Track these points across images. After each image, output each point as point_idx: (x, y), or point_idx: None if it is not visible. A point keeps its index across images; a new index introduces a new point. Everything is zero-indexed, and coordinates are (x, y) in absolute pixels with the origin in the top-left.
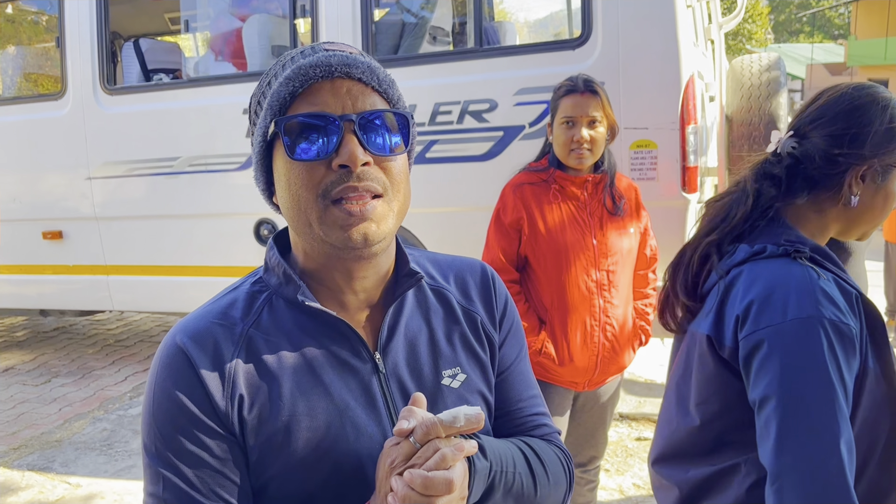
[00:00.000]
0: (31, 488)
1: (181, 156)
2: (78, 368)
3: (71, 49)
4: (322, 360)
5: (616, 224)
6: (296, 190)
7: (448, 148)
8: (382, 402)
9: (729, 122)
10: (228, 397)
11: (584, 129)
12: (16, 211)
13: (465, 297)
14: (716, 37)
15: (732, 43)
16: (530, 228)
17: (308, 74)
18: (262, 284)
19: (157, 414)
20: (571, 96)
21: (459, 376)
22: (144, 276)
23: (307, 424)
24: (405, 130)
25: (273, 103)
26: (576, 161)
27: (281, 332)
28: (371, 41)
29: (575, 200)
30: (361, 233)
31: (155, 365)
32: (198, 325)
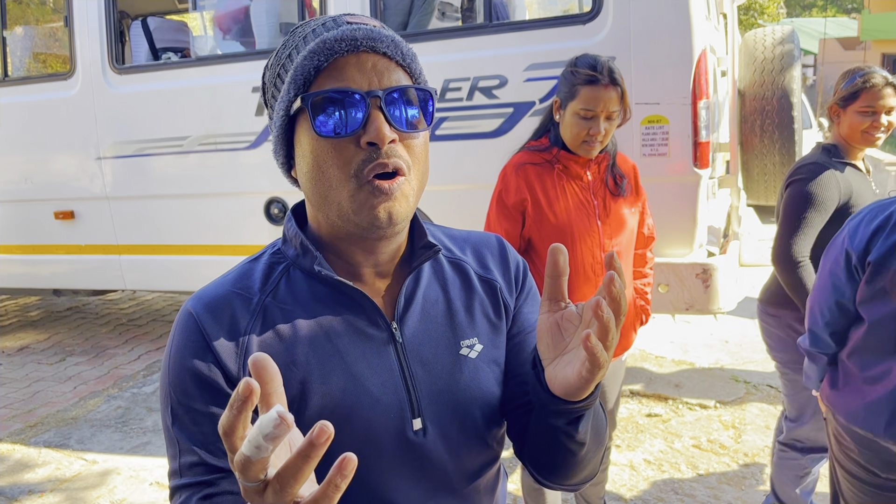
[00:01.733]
0: (48, 465)
1: (191, 135)
2: (92, 347)
3: (79, 29)
4: (338, 330)
5: (619, 204)
6: (325, 167)
7: (458, 125)
8: (399, 372)
9: (741, 97)
10: (241, 365)
11: (601, 122)
12: (28, 191)
13: (483, 267)
14: (728, 10)
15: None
16: (534, 210)
17: (333, 48)
18: (280, 255)
19: (172, 381)
20: (594, 88)
21: (477, 347)
22: (156, 255)
23: (322, 391)
24: (428, 107)
25: (297, 77)
26: (585, 152)
27: (298, 302)
28: (380, 17)
29: (579, 181)
30: (387, 211)
31: (171, 334)
32: (214, 293)
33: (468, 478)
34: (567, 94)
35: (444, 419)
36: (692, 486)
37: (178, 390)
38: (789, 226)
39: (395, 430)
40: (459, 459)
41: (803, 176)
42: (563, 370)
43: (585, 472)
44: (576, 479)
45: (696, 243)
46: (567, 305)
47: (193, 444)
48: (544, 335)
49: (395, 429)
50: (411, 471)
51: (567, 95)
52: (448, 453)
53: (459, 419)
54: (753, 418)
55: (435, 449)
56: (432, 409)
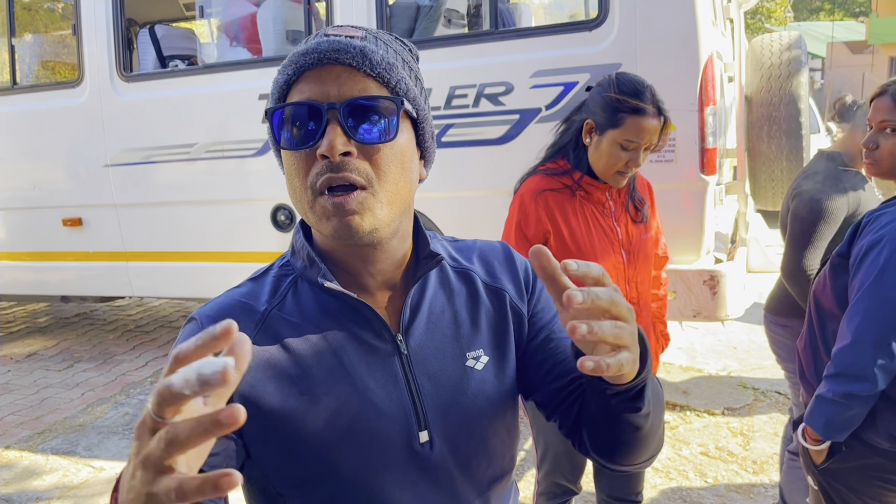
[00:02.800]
0: (55, 472)
1: (198, 142)
2: (99, 354)
3: (87, 37)
4: (343, 342)
5: (640, 231)
6: (290, 178)
7: (464, 132)
8: (405, 384)
9: (748, 103)
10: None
11: (641, 154)
12: (36, 198)
13: (491, 275)
14: (735, 16)
15: (751, 21)
16: (557, 242)
17: (299, 62)
18: (288, 268)
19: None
20: (641, 118)
21: (483, 358)
22: (163, 262)
23: (326, 404)
24: (393, 116)
25: (274, 91)
26: (616, 181)
27: (304, 314)
28: (386, 25)
29: (601, 207)
30: (346, 224)
31: (176, 341)
32: (220, 304)
33: (477, 492)
34: (608, 120)
35: (452, 432)
36: (700, 493)
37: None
38: (801, 240)
39: (401, 442)
40: (468, 473)
41: (811, 187)
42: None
43: (654, 444)
44: (646, 454)
45: (704, 250)
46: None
47: None
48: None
49: (401, 441)
50: (418, 484)
51: (608, 122)
52: (456, 467)
53: (467, 432)
54: (762, 425)
55: (442, 462)
56: (439, 422)
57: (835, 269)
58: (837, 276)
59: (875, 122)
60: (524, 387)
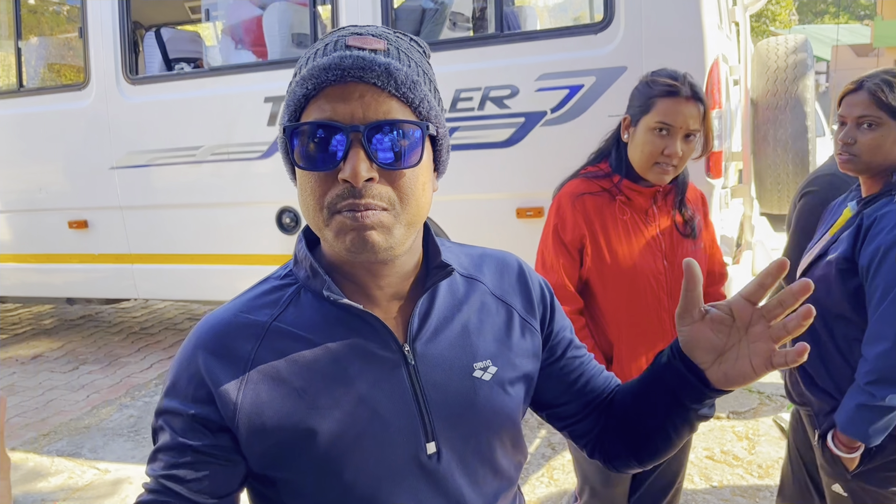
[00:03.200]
0: (60, 473)
1: (203, 145)
2: (105, 356)
3: (94, 39)
4: (348, 353)
5: (689, 242)
6: (305, 196)
7: (469, 135)
8: (412, 395)
9: (754, 106)
10: (241, 393)
11: (679, 141)
12: (42, 201)
13: (500, 288)
14: (740, 19)
15: (756, 25)
16: (594, 249)
17: (321, 78)
18: (291, 277)
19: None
20: (673, 99)
21: (490, 369)
22: (168, 264)
23: (331, 418)
24: (418, 140)
25: (290, 103)
26: (657, 177)
27: (307, 325)
28: (391, 28)
29: (643, 214)
30: (363, 240)
31: (177, 354)
32: (222, 318)
33: (484, 502)
34: (640, 107)
35: (459, 443)
36: (705, 497)
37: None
38: (802, 240)
39: (408, 454)
40: (475, 484)
41: (817, 188)
42: (735, 366)
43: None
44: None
45: None
46: (707, 312)
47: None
48: (699, 344)
49: (407, 453)
50: (425, 495)
51: (640, 109)
52: (463, 478)
53: (474, 443)
54: (767, 429)
55: (449, 474)
56: (446, 433)
57: (843, 274)
58: (846, 280)
59: (851, 118)
60: (539, 401)
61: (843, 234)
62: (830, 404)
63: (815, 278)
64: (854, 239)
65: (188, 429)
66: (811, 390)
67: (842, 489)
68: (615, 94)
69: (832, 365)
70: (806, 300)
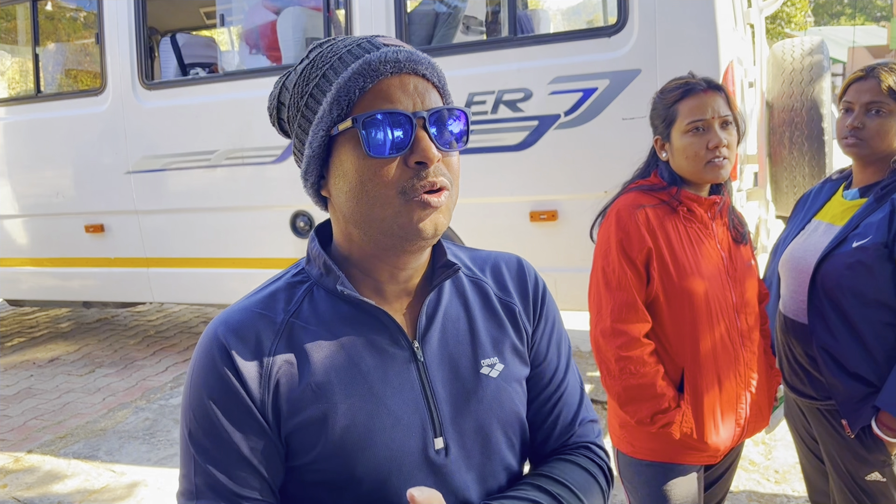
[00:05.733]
0: (77, 476)
1: (218, 149)
2: (120, 359)
3: (110, 45)
4: (361, 349)
5: (743, 255)
6: (370, 186)
7: (483, 138)
8: (420, 391)
9: (769, 108)
10: (265, 387)
11: (718, 131)
12: (59, 205)
13: (502, 288)
14: (756, 21)
15: (771, 27)
16: (660, 263)
17: (378, 70)
18: (303, 275)
19: (194, 404)
20: (693, 96)
21: (497, 366)
22: (183, 268)
23: (344, 412)
24: (462, 126)
25: (340, 97)
26: (714, 173)
27: (321, 321)
28: (404, 32)
29: (703, 226)
30: (433, 223)
31: (195, 355)
32: (239, 316)
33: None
34: (665, 121)
35: (467, 438)
36: None
37: (200, 413)
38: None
39: (417, 449)
40: (482, 479)
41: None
42: None
43: None
44: None
45: None
46: None
47: (214, 468)
48: None
49: (416, 448)
50: None
51: (666, 123)
52: (470, 473)
53: (482, 438)
54: (784, 434)
55: (457, 469)
56: (454, 429)
57: (882, 260)
58: (884, 265)
59: (860, 104)
60: None
61: (866, 221)
62: (863, 391)
63: (846, 266)
64: (889, 225)
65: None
66: (839, 377)
67: (880, 475)
68: (629, 96)
69: (871, 350)
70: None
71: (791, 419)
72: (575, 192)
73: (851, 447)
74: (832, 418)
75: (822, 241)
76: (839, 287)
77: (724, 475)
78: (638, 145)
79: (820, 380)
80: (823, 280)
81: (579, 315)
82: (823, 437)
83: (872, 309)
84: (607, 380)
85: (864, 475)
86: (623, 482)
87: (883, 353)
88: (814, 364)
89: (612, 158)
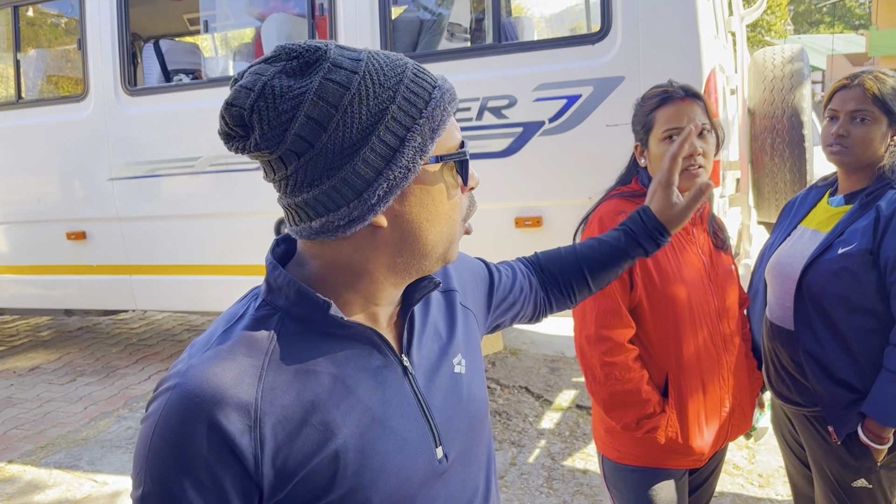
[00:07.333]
0: (58, 486)
1: (202, 156)
2: (102, 367)
3: (92, 51)
4: (353, 374)
5: (724, 261)
6: (453, 213)
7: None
8: (417, 405)
9: (751, 115)
10: (257, 443)
11: (694, 139)
12: (40, 212)
13: (444, 278)
14: (737, 29)
15: (752, 34)
16: (642, 269)
17: (452, 105)
18: (268, 308)
19: (158, 467)
20: (670, 105)
21: (462, 361)
22: (167, 275)
23: (354, 445)
24: None
25: (436, 129)
26: (689, 181)
27: (303, 355)
28: (389, 39)
29: (684, 232)
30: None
31: (159, 418)
32: (209, 367)
33: (482, 484)
34: (644, 127)
35: (458, 440)
36: None
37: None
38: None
39: (425, 464)
40: (474, 471)
41: None
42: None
43: None
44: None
45: None
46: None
47: None
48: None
49: (423, 463)
50: (440, 497)
51: (644, 129)
52: (463, 469)
53: (468, 435)
54: (768, 438)
55: (455, 472)
56: (448, 434)
57: (867, 267)
58: (869, 272)
59: (845, 112)
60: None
61: (851, 227)
62: (849, 397)
63: (832, 273)
64: (874, 231)
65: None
66: (825, 384)
67: (866, 482)
68: (613, 103)
69: (857, 356)
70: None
71: (777, 425)
72: (559, 198)
73: (838, 454)
74: (818, 425)
75: (808, 247)
76: (825, 293)
77: (709, 479)
78: (622, 152)
79: (806, 386)
80: (809, 286)
81: (564, 321)
82: (810, 444)
83: (858, 315)
84: (592, 385)
85: (851, 482)
86: (609, 487)
87: (868, 360)
88: (800, 370)
89: (596, 165)
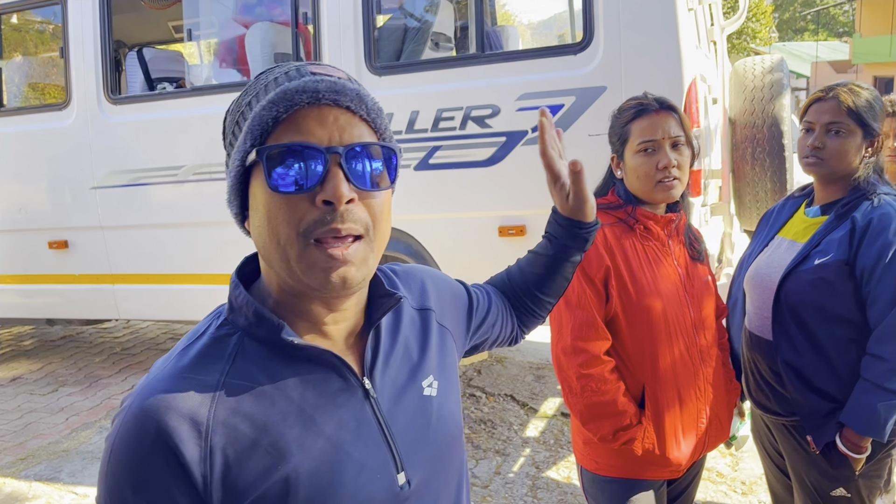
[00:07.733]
0: (38, 499)
1: (185, 164)
2: (85, 377)
3: (75, 59)
4: (310, 397)
5: (700, 272)
6: (275, 224)
7: (451, 154)
8: (378, 429)
9: (732, 125)
10: (206, 461)
11: (668, 151)
12: (22, 221)
13: (416, 298)
14: (718, 38)
15: (737, 42)
16: (618, 281)
17: (293, 100)
18: (228, 327)
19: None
20: (645, 117)
21: (434, 384)
22: (150, 284)
23: (306, 470)
24: (391, 163)
25: (254, 127)
26: (664, 193)
27: (261, 376)
28: (373, 47)
29: (660, 244)
30: (341, 276)
31: (115, 436)
32: (165, 385)
33: None
34: (619, 139)
35: (423, 466)
36: None
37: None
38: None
39: (384, 490)
40: (441, 501)
41: None
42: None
43: None
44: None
45: None
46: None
47: None
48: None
49: (382, 489)
50: None
51: (620, 141)
52: (431, 498)
53: (435, 461)
54: (750, 445)
55: (420, 498)
56: (412, 459)
57: (843, 277)
58: (845, 282)
59: (820, 124)
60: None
61: (827, 238)
62: (828, 407)
63: (809, 283)
64: (850, 242)
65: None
66: (804, 394)
67: (845, 491)
68: (595, 113)
69: (835, 366)
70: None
71: (757, 435)
72: (543, 207)
73: (817, 463)
74: (797, 434)
75: (785, 257)
76: (802, 303)
77: (688, 489)
78: (604, 161)
79: (785, 396)
80: (787, 296)
81: (545, 330)
82: (789, 453)
83: (835, 325)
84: (569, 397)
85: (830, 490)
86: (588, 498)
87: (846, 369)
88: (779, 380)
89: None
